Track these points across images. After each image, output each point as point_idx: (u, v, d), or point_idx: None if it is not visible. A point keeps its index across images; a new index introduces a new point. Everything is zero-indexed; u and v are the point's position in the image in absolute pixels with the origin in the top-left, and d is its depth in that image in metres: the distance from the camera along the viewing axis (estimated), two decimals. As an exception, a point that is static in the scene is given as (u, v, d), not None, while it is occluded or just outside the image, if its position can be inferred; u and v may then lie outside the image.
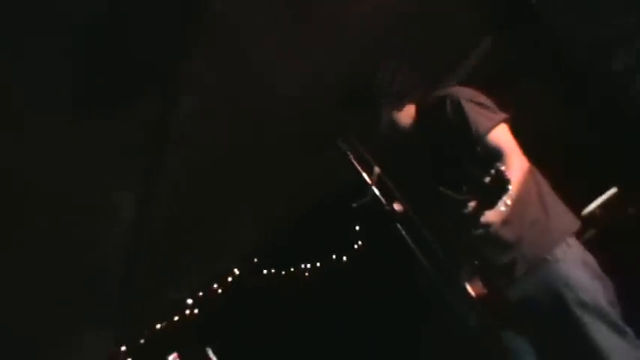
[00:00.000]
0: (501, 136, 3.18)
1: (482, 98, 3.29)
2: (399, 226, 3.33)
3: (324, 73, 4.31)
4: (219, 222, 5.72)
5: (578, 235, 3.35)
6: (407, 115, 3.43)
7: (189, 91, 3.89)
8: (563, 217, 3.31)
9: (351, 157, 3.42)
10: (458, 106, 3.23)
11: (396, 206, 3.37)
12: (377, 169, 3.41)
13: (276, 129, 4.80)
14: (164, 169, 4.45)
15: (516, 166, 3.07)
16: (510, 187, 2.84)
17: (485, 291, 3.33)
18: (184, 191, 4.79)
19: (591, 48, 3.74)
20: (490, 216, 2.94)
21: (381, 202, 3.37)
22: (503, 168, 2.80)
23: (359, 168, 3.41)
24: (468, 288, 3.31)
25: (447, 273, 3.34)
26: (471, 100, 3.25)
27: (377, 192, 3.37)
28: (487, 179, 2.80)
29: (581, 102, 2.42)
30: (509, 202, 2.89)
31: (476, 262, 3.35)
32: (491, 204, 2.85)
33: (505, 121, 3.22)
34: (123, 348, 6.95)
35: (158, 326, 7.18)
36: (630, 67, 3.86)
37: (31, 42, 2.98)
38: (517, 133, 3.21)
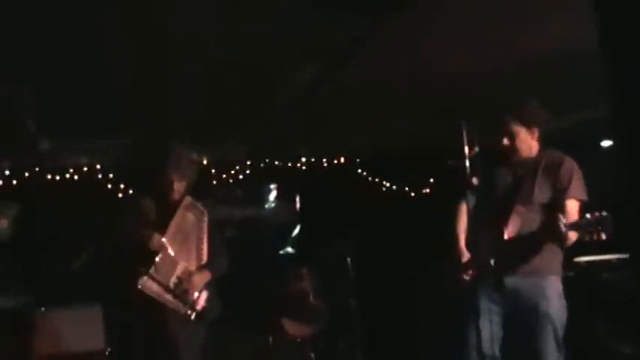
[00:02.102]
0: (574, 204, 3.35)
1: (581, 175, 3.43)
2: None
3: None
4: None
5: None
6: (529, 146, 3.49)
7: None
8: (559, 264, 3.48)
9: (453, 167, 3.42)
10: (571, 167, 3.40)
11: (474, 180, 3.42)
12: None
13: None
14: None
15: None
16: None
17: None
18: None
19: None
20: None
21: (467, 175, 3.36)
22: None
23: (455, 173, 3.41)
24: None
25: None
26: (578, 172, 3.42)
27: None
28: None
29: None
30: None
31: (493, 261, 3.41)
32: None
33: (581, 200, 3.37)
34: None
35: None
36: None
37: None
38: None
